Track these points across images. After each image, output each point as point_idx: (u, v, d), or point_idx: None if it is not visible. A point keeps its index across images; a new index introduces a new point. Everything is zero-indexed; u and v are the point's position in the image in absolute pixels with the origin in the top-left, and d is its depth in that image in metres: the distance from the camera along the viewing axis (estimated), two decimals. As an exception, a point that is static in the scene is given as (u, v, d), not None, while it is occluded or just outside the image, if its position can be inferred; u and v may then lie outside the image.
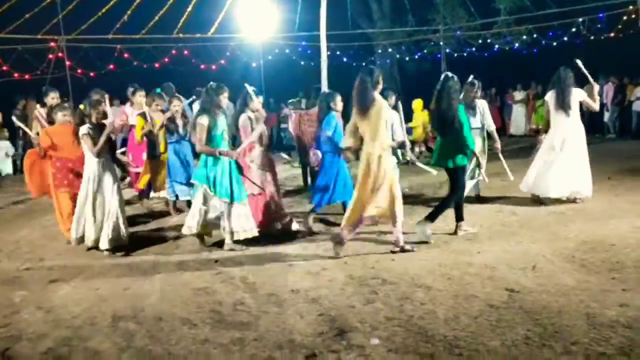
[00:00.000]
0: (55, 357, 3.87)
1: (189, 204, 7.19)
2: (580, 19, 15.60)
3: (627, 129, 14.86)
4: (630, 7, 14.16)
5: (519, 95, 17.32)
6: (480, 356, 3.53)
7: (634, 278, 4.73)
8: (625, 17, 14.87)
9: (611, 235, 5.95)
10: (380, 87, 5.71)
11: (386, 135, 5.72)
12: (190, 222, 6.14)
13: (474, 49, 18.29)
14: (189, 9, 14.83)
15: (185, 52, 16.06)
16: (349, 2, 18.24)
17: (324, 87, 8.95)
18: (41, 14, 13.54)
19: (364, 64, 19.21)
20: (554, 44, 16.83)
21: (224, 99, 6.16)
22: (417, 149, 11.45)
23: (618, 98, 14.99)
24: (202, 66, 16.63)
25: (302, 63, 17.99)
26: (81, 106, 6.22)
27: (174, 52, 15.90)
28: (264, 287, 5.00)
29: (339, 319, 4.23)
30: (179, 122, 7.75)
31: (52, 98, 7.52)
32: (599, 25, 15.88)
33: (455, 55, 18.40)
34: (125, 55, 15.18)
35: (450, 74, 6.18)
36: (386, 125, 5.74)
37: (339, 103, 6.92)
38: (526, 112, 17.33)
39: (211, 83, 6.20)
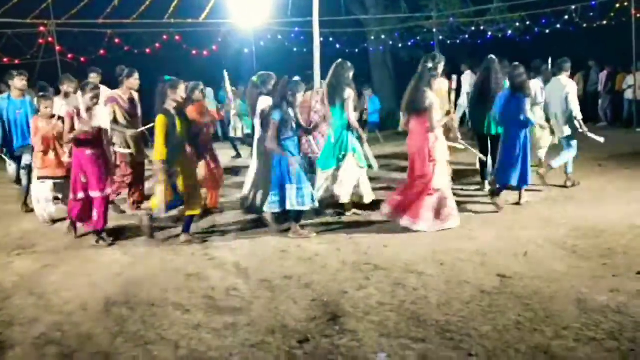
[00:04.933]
0: (48, 342, 3.87)
1: None
2: (573, 7, 15.55)
3: (618, 117, 14.91)
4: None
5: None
6: (472, 341, 3.55)
7: (624, 264, 4.78)
8: (617, 5, 14.87)
9: (602, 222, 6.00)
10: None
11: None
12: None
13: (467, 36, 18.23)
14: (181, -7, 14.69)
15: (177, 37, 15.91)
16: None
17: (317, 74, 8.90)
18: (31, -1, 13.37)
19: (356, 50, 19.19)
20: (547, 31, 16.81)
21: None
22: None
23: (609, 86, 15.03)
24: (194, 52, 16.50)
25: (295, 49, 17.88)
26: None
27: (165, 37, 15.74)
28: (257, 273, 5.01)
29: (332, 304, 4.25)
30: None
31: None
32: (591, 13, 15.85)
33: (449, 42, 18.33)
34: (116, 40, 15.01)
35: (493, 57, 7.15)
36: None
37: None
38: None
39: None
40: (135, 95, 7.46)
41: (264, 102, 6.48)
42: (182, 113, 5.97)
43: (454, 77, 7.81)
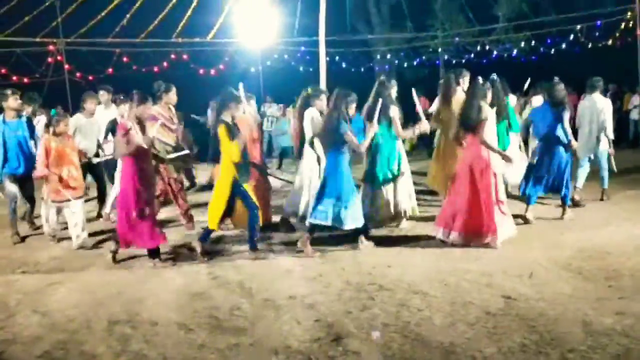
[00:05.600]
0: (51, 361, 3.86)
1: None
2: (578, 27, 15.66)
3: (623, 138, 14.86)
4: (628, 14, 14.23)
5: (513, 100, 17.30)
6: (477, 363, 3.53)
7: (630, 286, 4.74)
8: (622, 25, 14.94)
9: (608, 243, 5.96)
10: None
11: None
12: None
13: (472, 55, 18.34)
14: (188, 13, 14.87)
15: (185, 56, 16.07)
16: (348, 8, 18.31)
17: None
18: (40, 17, 13.56)
19: (362, 69, 19.32)
20: (552, 51, 16.89)
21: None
22: None
23: (616, 105, 15.01)
24: (201, 71, 16.65)
25: (301, 68, 18.02)
26: None
27: (173, 56, 15.92)
28: (261, 292, 5.00)
29: (336, 324, 4.23)
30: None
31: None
32: (596, 33, 15.93)
33: (454, 61, 18.44)
34: (125, 59, 15.19)
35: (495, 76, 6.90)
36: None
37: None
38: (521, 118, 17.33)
39: (382, 77, 6.83)
40: (173, 111, 7.25)
41: (311, 114, 6.74)
42: (237, 127, 6.06)
43: None
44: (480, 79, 6.31)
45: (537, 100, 8.01)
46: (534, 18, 16.40)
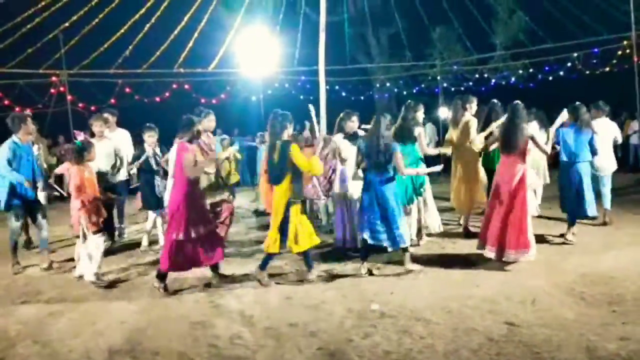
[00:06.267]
0: (50, 392, 3.82)
1: None
2: (576, 54, 15.82)
3: (624, 162, 14.88)
4: (625, 42, 14.39)
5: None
6: (480, 391, 3.49)
7: (634, 311, 4.71)
8: (619, 52, 15.10)
9: (611, 268, 5.94)
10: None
11: None
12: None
13: (470, 83, 18.50)
14: (190, 44, 15.07)
15: (187, 86, 16.23)
16: (348, 38, 18.55)
17: (323, 121, 9.02)
18: (43, 49, 13.73)
19: (362, 97, 19.47)
20: (550, 78, 17.04)
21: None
22: None
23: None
24: (203, 100, 16.78)
25: (302, 97, 18.17)
26: None
27: (175, 86, 16.06)
28: (262, 320, 4.96)
29: (338, 353, 4.19)
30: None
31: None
32: (594, 61, 16.09)
33: (453, 89, 18.60)
34: (127, 89, 15.32)
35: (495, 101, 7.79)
36: None
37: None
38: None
39: (409, 101, 7.30)
40: (212, 137, 7.23)
41: (339, 138, 7.05)
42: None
43: None
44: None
45: (533, 127, 8.08)
46: (531, 46, 16.59)
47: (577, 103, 7.46)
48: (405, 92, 19.94)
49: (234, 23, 15.56)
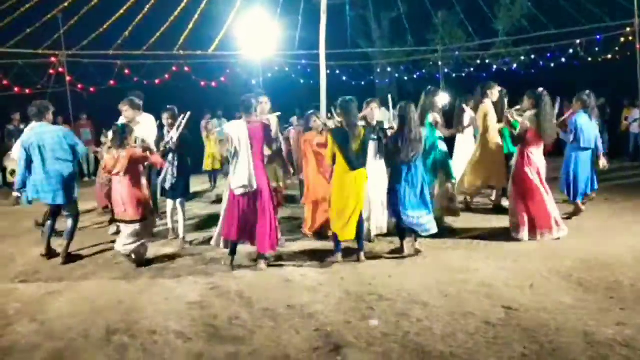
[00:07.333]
0: (48, 370, 3.84)
1: None
2: (578, 41, 15.71)
3: (624, 151, 14.85)
4: (627, 29, 14.29)
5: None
6: (477, 373, 3.50)
7: (631, 297, 4.72)
8: (622, 39, 15.00)
9: (608, 255, 5.94)
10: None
11: None
12: None
13: (472, 69, 18.41)
14: (190, 26, 14.94)
15: (186, 68, 16.13)
16: (349, 22, 18.40)
17: (323, 106, 8.97)
18: (42, 29, 13.61)
19: (362, 83, 19.37)
20: (552, 65, 16.94)
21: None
22: None
23: (605, 118, 14.96)
24: (203, 83, 16.70)
25: (302, 81, 18.08)
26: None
27: (174, 68, 15.96)
28: (260, 302, 4.97)
29: (335, 334, 4.20)
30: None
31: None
32: (596, 48, 15.98)
33: (454, 75, 18.52)
34: (126, 71, 15.22)
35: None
36: None
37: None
38: None
39: (430, 87, 7.61)
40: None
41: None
42: None
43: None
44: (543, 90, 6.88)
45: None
46: (533, 32, 16.47)
47: (587, 91, 7.68)
48: (406, 78, 19.84)
49: (234, 5, 15.42)
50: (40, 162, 6.44)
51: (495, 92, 8.22)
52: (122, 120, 7.30)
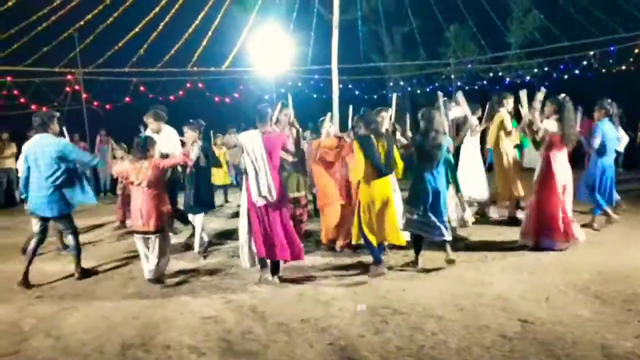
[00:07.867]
0: (63, 385, 3.85)
1: None
2: (591, 53, 15.66)
3: (636, 163, 14.67)
4: (641, 40, 14.24)
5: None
6: (493, 387, 3.46)
7: (649, 309, 4.65)
8: (636, 50, 14.92)
9: (626, 267, 5.87)
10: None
11: None
12: None
13: (485, 82, 18.40)
14: (204, 43, 15.13)
15: (200, 85, 16.30)
16: (361, 37, 18.50)
17: (336, 120, 9.00)
18: (59, 48, 13.86)
19: (375, 97, 19.42)
20: (565, 77, 16.88)
21: None
22: None
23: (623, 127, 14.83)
24: (217, 99, 16.85)
25: (315, 96, 18.17)
26: None
27: (188, 85, 16.14)
28: (274, 316, 4.97)
29: (349, 348, 4.18)
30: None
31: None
32: (610, 60, 15.90)
33: (467, 88, 18.50)
34: (141, 88, 15.42)
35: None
36: None
37: None
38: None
39: (445, 99, 7.82)
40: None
41: None
42: None
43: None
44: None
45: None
46: (546, 45, 16.44)
47: (608, 99, 7.74)
48: (419, 91, 19.86)
49: (247, 22, 15.59)
50: (36, 173, 6.40)
51: (510, 101, 8.35)
52: (147, 133, 7.37)
